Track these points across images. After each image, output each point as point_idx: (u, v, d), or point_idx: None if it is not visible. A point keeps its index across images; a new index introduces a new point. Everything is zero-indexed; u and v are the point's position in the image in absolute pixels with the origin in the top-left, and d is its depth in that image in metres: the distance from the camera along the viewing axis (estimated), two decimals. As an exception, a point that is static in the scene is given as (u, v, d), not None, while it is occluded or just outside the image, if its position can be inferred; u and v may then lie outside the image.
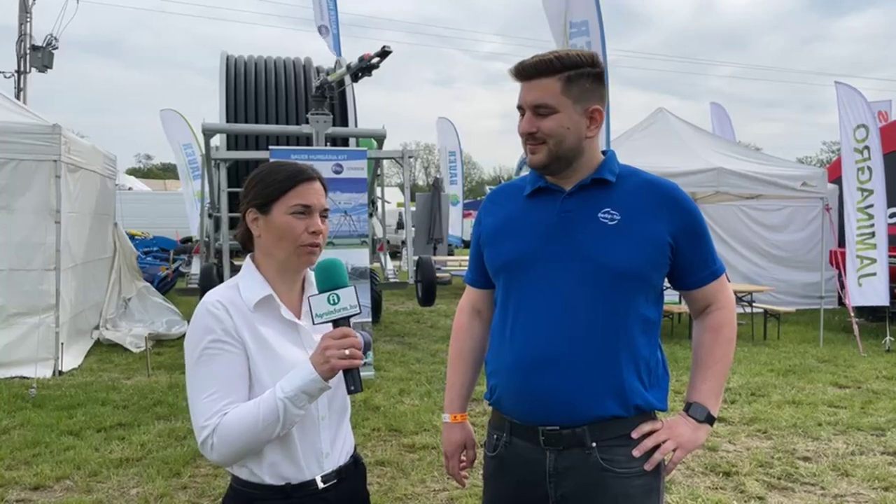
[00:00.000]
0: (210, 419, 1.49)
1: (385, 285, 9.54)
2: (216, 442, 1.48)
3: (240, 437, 1.48)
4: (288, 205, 1.58)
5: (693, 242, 1.75)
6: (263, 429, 1.47)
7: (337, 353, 1.45)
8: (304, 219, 1.59)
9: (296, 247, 1.59)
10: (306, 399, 1.48)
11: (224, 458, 1.51)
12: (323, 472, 1.62)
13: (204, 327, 1.53)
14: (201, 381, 1.51)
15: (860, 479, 4.41)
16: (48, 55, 19.54)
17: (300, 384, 1.47)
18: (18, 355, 6.80)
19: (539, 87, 1.69)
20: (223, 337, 1.52)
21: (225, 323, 1.53)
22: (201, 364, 1.52)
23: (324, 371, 1.46)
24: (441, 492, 4.16)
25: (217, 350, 1.51)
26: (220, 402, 1.50)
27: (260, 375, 1.54)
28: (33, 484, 4.19)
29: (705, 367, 1.81)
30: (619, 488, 1.69)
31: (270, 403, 1.47)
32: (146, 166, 57.88)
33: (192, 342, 1.54)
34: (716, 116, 15.04)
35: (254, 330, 1.55)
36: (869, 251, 8.74)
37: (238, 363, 1.53)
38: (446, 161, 21.19)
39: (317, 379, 1.46)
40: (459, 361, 1.99)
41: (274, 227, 1.59)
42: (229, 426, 1.48)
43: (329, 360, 1.45)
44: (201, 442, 1.50)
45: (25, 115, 7.45)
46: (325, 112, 7.27)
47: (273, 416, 1.47)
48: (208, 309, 1.54)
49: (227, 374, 1.51)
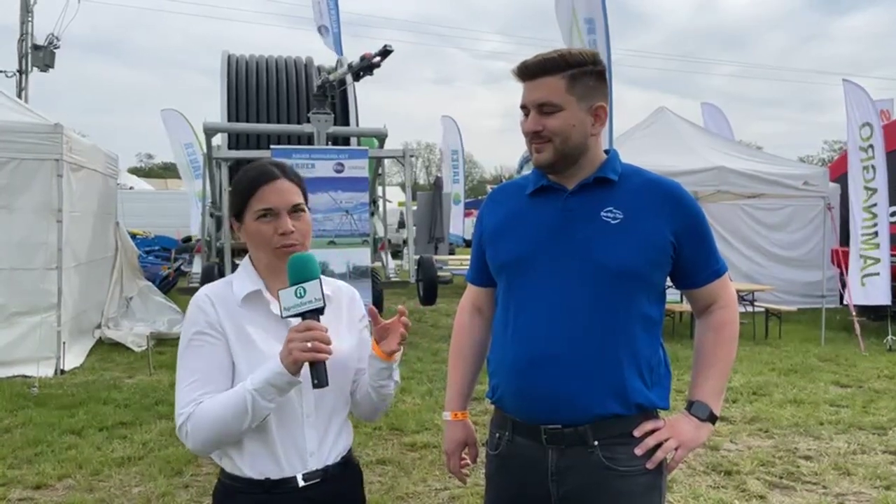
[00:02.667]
0: (186, 407, 1.54)
1: (386, 284, 9.54)
2: (190, 429, 1.53)
3: (211, 427, 1.52)
4: (253, 211, 1.61)
5: (695, 242, 1.75)
6: (233, 419, 1.50)
7: (299, 345, 1.46)
8: (271, 222, 1.60)
9: (272, 249, 1.61)
10: (275, 392, 1.50)
11: (198, 446, 1.56)
12: (306, 470, 1.61)
13: (191, 320, 1.59)
14: (184, 371, 1.57)
15: (862, 478, 4.41)
16: (50, 54, 19.55)
17: (267, 377, 1.49)
18: (20, 354, 6.81)
19: (544, 85, 1.69)
20: (206, 329, 1.57)
21: (209, 316, 1.58)
22: (185, 354, 1.58)
23: (288, 364, 1.47)
24: (442, 490, 4.16)
25: (200, 342, 1.57)
26: (197, 390, 1.54)
27: (240, 368, 1.57)
28: (35, 483, 4.20)
29: (707, 366, 1.81)
30: (621, 487, 1.69)
31: (239, 395, 1.50)
32: (147, 165, 57.94)
33: (183, 333, 1.61)
34: (710, 117, 14.59)
35: (237, 323, 1.59)
36: (872, 251, 8.73)
37: (219, 354, 1.57)
38: (449, 160, 21.19)
39: (282, 372, 1.48)
40: (460, 360, 1.99)
41: (248, 235, 1.63)
42: (202, 415, 1.52)
43: (292, 352, 1.46)
44: (178, 428, 1.55)
45: (27, 115, 7.46)
46: (327, 111, 7.27)
47: (241, 408, 1.49)
48: (196, 303, 1.61)
49: (207, 365, 1.56)
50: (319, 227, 6.13)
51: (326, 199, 6.34)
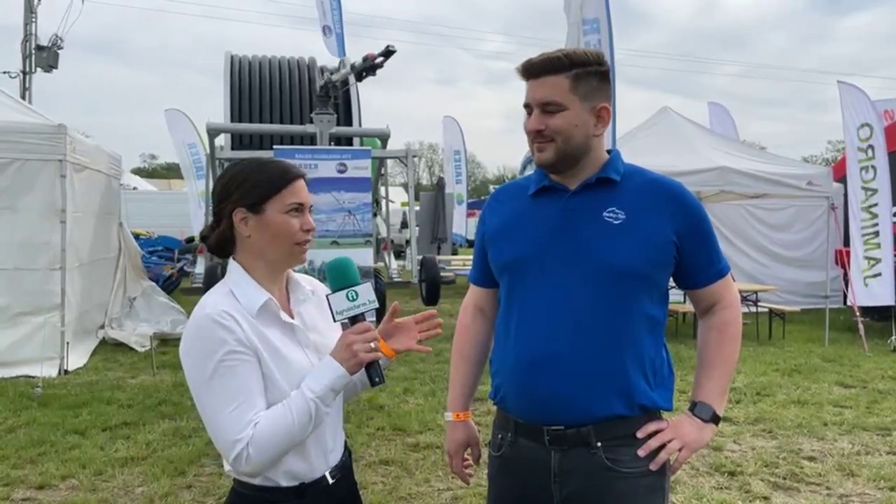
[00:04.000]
0: (243, 431, 1.45)
1: (389, 284, 9.53)
2: (252, 452, 1.46)
3: (277, 444, 1.47)
4: (284, 203, 1.57)
5: (698, 241, 1.75)
6: (299, 431, 1.49)
7: (363, 346, 1.50)
8: (299, 217, 1.60)
9: (292, 245, 1.59)
10: (333, 396, 1.52)
11: (261, 467, 1.50)
12: (329, 467, 1.64)
13: (217, 339, 1.48)
14: (222, 396, 1.47)
15: (866, 479, 4.39)
16: (53, 55, 19.61)
17: (328, 382, 1.49)
18: (24, 354, 6.82)
19: (548, 84, 1.68)
20: (237, 347, 1.48)
21: (237, 333, 1.49)
22: (218, 378, 1.47)
23: (351, 366, 1.50)
24: (445, 491, 4.15)
25: (234, 361, 1.48)
26: (247, 413, 1.47)
27: (275, 380, 1.52)
28: (39, 483, 4.20)
29: (711, 367, 1.80)
30: (624, 488, 1.69)
31: (302, 405, 1.48)
32: (151, 166, 57.97)
33: (203, 355, 1.48)
34: (715, 116, 14.58)
35: (262, 336, 1.53)
36: (874, 251, 8.71)
37: (255, 372, 1.51)
38: (451, 160, 21.20)
39: (344, 374, 1.50)
40: (462, 360, 1.99)
41: (269, 227, 1.57)
42: (264, 434, 1.46)
43: (357, 354, 1.49)
44: (235, 456, 1.45)
45: (30, 115, 7.47)
46: (329, 111, 7.27)
47: (306, 417, 1.48)
48: (216, 320, 1.48)
49: (248, 385, 1.49)
50: (322, 227, 6.13)
51: (329, 200, 6.33)
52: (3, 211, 6.90)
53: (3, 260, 6.88)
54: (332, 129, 7.28)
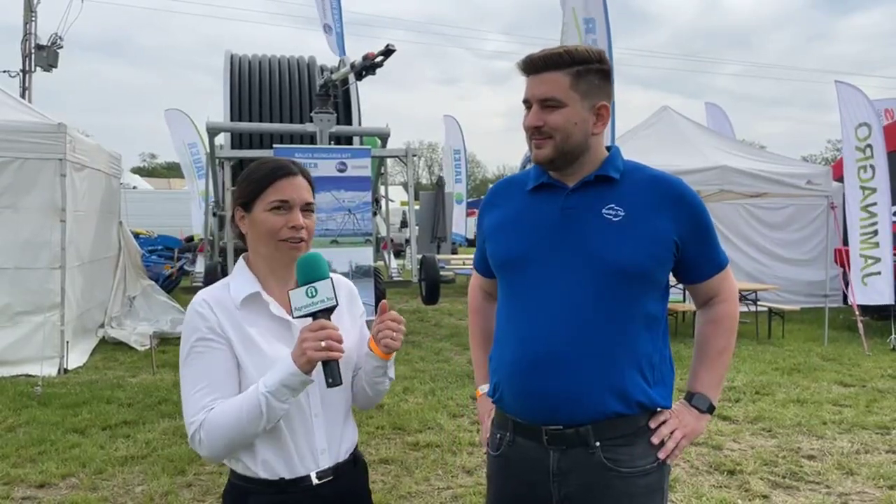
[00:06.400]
0: (197, 414, 1.53)
1: (389, 284, 9.53)
2: (203, 436, 1.52)
3: (225, 432, 1.51)
4: (267, 201, 1.61)
5: (699, 238, 1.75)
6: (248, 423, 1.50)
7: (313, 344, 1.46)
8: (284, 214, 1.61)
9: (276, 242, 1.61)
10: (288, 393, 1.50)
11: (212, 453, 1.55)
12: (318, 468, 1.63)
13: (191, 326, 1.58)
14: (190, 378, 1.56)
15: (865, 478, 4.40)
16: (53, 54, 19.58)
17: (280, 378, 1.49)
18: (24, 353, 6.82)
19: (548, 80, 1.67)
20: (208, 335, 1.56)
21: (210, 321, 1.57)
22: (189, 362, 1.56)
23: (302, 364, 1.47)
24: (445, 490, 4.16)
25: (204, 348, 1.56)
26: (206, 397, 1.53)
27: (248, 371, 1.56)
28: (39, 482, 4.21)
29: (707, 358, 1.82)
30: (623, 488, 1.69)
31: (252, 398, 1.50)
32: (151, 165, 57.95)
33: (183, 340, 1.59)
34: (712, 117, 14.58)
35: (239, 327, 1.58)
36: (872, 250, 8.71)
37: (224, 359, 1.56)
38: (451, 159, 21.19)
39: (296, 372, 1.48)
40: (481, 338, 2.05)
41: (256, 224, 1.62)
42: (215, 421, 1.51)
43: (305, 352, 1.46)
44: (190, 436, 1.54)
45: (30, 114, 7.47)
46: (329, 111, 7.27)
47: (256, 411, 1.49)
48: (194, 308, 1.59)
49: (213, 371, 1.55)
50: (322, 226, 6.14)
51: (329, 199, 6.34)
52: (4, 210, 6.91)
53: (4, 259, 6.88)
54: (332, 128, 7.28)
